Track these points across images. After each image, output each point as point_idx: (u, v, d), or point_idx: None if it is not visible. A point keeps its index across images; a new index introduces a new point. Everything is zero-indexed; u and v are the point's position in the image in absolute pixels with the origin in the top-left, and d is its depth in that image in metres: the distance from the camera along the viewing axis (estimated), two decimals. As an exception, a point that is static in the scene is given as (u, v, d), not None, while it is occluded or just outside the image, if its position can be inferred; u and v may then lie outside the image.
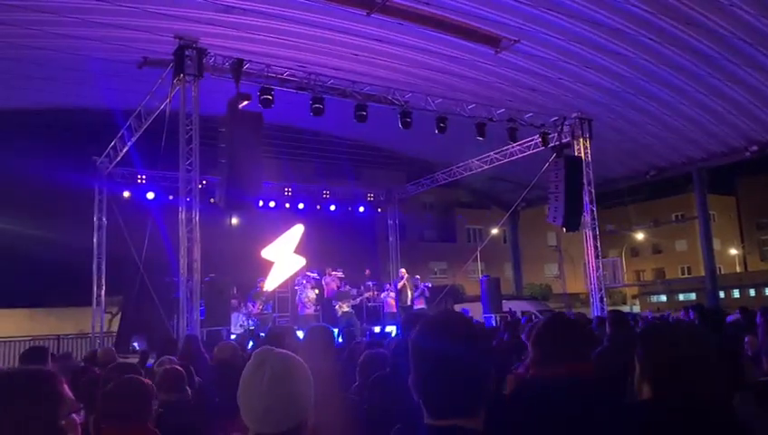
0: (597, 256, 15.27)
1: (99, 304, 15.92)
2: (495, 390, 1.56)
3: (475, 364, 1.47)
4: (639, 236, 45.17)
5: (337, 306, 15.73)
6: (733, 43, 13.24)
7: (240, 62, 11.00)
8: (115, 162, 15.17)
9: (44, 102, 16.37)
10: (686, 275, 45.55)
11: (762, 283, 37.61)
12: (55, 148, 16.31)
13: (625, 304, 42.28)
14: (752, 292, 37.02)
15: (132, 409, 2.77)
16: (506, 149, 16.66)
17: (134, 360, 7.51)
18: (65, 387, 1.74)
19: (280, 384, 1.67)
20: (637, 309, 38.34)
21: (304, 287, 15.63)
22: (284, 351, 1.79)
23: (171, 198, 14.85)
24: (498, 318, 15.58)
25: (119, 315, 18.69)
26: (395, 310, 17.26)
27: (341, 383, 3.65)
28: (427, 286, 18.20)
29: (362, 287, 17.65)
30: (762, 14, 12.19)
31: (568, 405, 2.09)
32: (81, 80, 14.61)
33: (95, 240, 15.80)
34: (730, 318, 8.00)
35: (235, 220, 17.95)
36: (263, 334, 12.36)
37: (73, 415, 1.77)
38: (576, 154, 15.21)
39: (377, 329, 15.07)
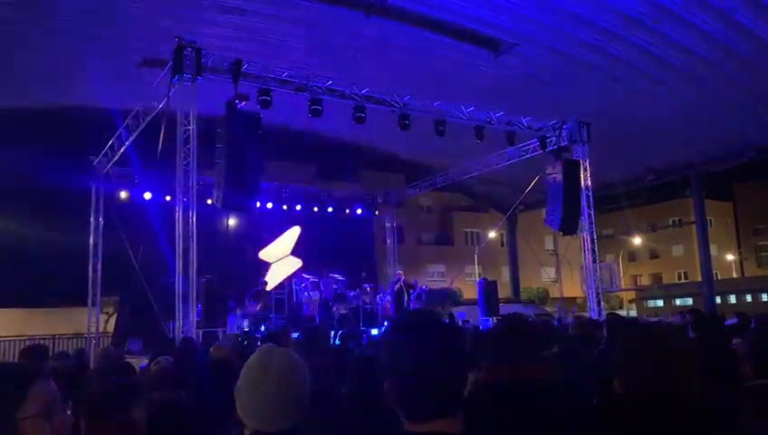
0: (594, 260, 15.24)
1: (95, 304, 15.83)
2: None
3: (446, 363, 1.43)
4: (636, 240, 45.17)
5: (334, 309, 15.69)
6: (730, 47, 13.26)
7: (239, 62, 10.97)
8: (112, 162, 15.12)
9: (42, 101, 16.30)
10: (683, 280, 45.57)
11: (758, 288, 37.59)
12: (52, 147, 16.20)
13: (621, 308, 42.26)
14: (748, 297, 36.99)
15: (113, 407, 2.73)
16: (504, 153, 16.65)
17: (129, 360, 7.46)
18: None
19: (286, 385, 1.66)
20: (633, 313, 38.31)
21: (308, 288, 15.59)
22: (288, 350, 1.78)
23: (168, 198, 14.80)
24: (495, 321, 15.53)
25: (114, 316, 18.63)
26: (391, 313, 17.21)
27: (337, 382, 3.63)
28: (424, 290, 18.15)
29: (359, 290, 17.60)
30: (759, 18, 12.22)
31: (526, 408, 2.06)
32: (78, 79, 14.56)
33: (91, 240, 15.71)
34: (729, 322, 7.97)
35: (232, 221, 17.91)
36: (258, 336, 12.34)
37: None
38: (574, 158, 15.21)
39: (374, 332, 15.03)
